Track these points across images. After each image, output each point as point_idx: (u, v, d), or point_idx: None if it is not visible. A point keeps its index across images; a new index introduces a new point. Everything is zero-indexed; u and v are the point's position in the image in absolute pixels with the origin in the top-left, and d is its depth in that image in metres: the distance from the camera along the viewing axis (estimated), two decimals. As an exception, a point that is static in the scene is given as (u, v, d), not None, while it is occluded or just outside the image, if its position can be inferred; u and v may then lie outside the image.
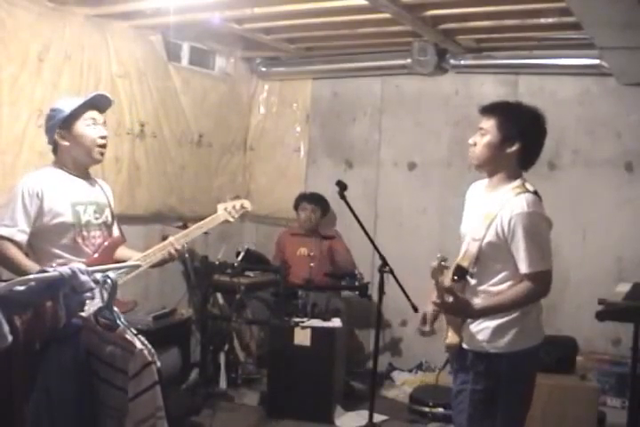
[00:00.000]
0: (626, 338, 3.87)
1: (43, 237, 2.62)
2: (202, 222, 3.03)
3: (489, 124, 2.46)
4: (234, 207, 3.14)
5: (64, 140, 2.69)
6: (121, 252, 2.88)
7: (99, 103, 2.77)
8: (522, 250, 2.35)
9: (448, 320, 2.52)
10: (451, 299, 2.34)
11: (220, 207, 3.12)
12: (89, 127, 2.70)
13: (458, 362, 2.54)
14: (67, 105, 2.70)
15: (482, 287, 2.46)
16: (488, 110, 2.50)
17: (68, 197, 2.68)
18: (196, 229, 2.99)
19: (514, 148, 2.43)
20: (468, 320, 2.46)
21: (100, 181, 2.92)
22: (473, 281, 2.47)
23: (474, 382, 2.42)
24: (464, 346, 2.48)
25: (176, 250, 2.86)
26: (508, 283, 2.42)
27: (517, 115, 2.47)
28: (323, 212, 4.95)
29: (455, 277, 2.46)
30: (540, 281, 2.38)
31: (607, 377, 4.09)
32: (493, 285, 2.44)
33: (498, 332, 2.42)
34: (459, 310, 2.40)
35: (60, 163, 2.74)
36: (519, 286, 2.39)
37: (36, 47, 3.55)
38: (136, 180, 4.30)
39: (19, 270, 2.50)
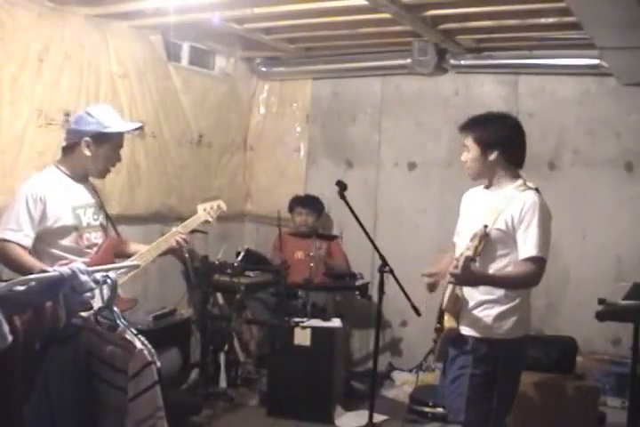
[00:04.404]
0: (626, 338, 3.87)
1: (45, 240, 2.68)
2: (185, 223, 3.14)
3: (468, 141, 2.69)
4: (212, 208, 3.25)
5: (87, 150, 2.72)
6: (133, 247, 3.00)
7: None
8: (532, 235, 2.49)
9: (446, 307, 2.62)
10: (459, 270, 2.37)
11: (200, 208, 3.23)
12: (115, 152, 2.78)
13: (456, 348, 2.64)
14: (109, 119, 2.73)
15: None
16: (463, 129, 2.72)
17: (69, 202, 2.74)
18: (181, 228, 3.09)
19: (494, 155, 2.63)
20: (469, 307, 2.59)
21: (93, 183, 2.97)
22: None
23: (473, 367, 2.55)
24: (464, 332, 2.60)
25: (183, 239, 2.99)
26: (508, 269, 2.56)
27: (486, 125, 2.67)
28: (318, 213, 4.97)
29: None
30: (541, 267, 2.51)
31: (607, 377, 4.09)
32: (495, 271, 2.57)
33: (500, 319, 2.57)
34: (466, 277, 2.41)
35: (65, 165, 2.77)
36: (522, 266, 2.51)
37: (35, 47, 3.55)
38: (136, 180, 4.30)
39: (27, 272, 2.53)
